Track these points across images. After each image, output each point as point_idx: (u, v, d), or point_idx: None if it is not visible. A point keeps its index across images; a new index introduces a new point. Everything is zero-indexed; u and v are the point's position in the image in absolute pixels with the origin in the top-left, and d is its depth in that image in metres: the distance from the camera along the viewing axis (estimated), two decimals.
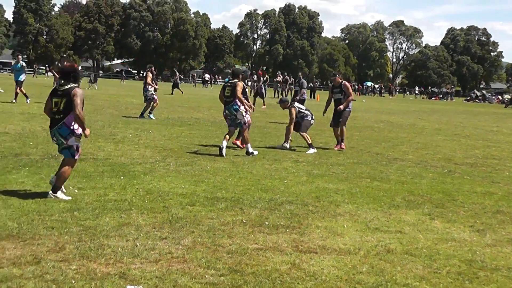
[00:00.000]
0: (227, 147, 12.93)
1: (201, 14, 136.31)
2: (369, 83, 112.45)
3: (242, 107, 13.06)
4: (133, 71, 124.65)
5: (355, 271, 5.63)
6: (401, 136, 20.37)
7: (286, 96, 50.84)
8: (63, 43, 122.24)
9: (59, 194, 7.91)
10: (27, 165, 10.26)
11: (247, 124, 13.17)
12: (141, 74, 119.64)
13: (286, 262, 5.80)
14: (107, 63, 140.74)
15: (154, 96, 21.72)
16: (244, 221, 7.23)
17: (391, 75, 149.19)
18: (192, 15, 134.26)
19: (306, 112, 15.10)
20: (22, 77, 26.42)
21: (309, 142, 14.51)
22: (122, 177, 9.61)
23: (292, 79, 50.44)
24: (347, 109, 15.31)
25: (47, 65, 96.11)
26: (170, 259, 5.68)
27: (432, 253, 6.35)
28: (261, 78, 39.63)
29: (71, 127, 8.00)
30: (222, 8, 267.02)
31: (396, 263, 5.96)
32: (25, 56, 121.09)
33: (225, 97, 13.18)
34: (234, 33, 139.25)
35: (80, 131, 8.10)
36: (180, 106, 30.12)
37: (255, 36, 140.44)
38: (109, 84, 64.68)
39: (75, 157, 8.16)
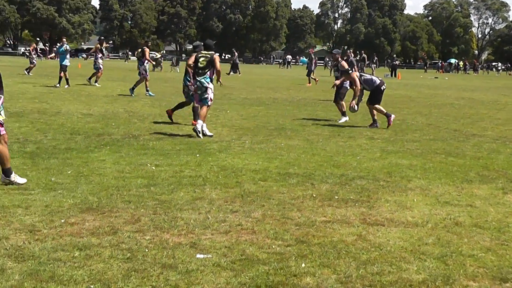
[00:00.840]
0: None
1: None
2: (452, 60, 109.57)
3: (212, 84, 12.53)
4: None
5: (421, 243, 5.68)
6: (482, 112, 19.96)
7: None
8: (146, 28, 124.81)
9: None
10: (109, 144, 10.72)
11: (211, 101, 12.59)
12: (222, 57, 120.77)
13: (353, 233, 5.90)
14: (189, 47, 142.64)
15: (146, 72, 22.45)
16: (314, 196, 7.37)
17: (476, 52, 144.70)
18: None
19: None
20: (67, 62, 25.46)
21: (343, 110, 15.35)
22: (198, 155, 9.91)
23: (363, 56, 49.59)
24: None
25: (128, 50, 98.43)
26: (239, 231, 5.88)
27: (502, 226, 6.32)
28: (313, 57, 38.70)
29: None
30: None
31: (463, 235, 5.96)
32: (111, 42, 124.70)
33: (198, 68, 12.45)
34: (315, 13, 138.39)
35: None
36: (260, 87, 30.40)
37: (336, 15, 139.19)
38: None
39: None
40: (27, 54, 37.15)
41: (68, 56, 25.80)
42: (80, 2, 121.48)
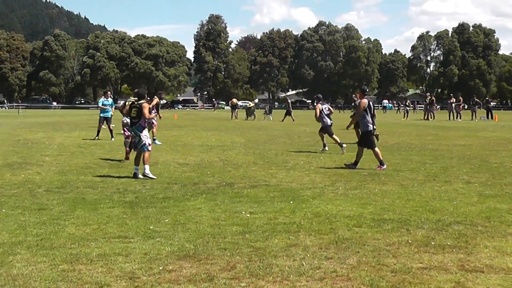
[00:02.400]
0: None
1: (372, 40, 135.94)
2: None
3: (145, 130, 13.31)
4: (307, 101, 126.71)
5: None
6: None
7: (460, 117, 49.54)
8: (239, 78, 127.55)
9: None
10: (204, 192, 10.95)
11: (150, 146, 13.34)
12: (313, 105, 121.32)
13: (451, 280, 5.79)
14: (282, 94, 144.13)
15: (154, 121, 22.16)
16: (410, 242, 7.27)
17: None
18: (364, 42, 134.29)
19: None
20: (108, 114, 25.34)
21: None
22: (291, 201, 9.98)
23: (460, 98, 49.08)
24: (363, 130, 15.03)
25: (214, 100, 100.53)
26: (334, 277, 5.87)
27: None
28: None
29: None
30: (394, 32, 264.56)
31: None
32: (205, 93, 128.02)
33: (131, 118, 13.48)
34: (407, 57, 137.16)
35: None
36: (351, 133, 30.22)
37: (428, 58, 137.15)
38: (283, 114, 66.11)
39: None
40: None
41: (110, 108, 25.58)
42: (175, 55, 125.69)
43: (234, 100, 57.90)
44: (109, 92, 27.07)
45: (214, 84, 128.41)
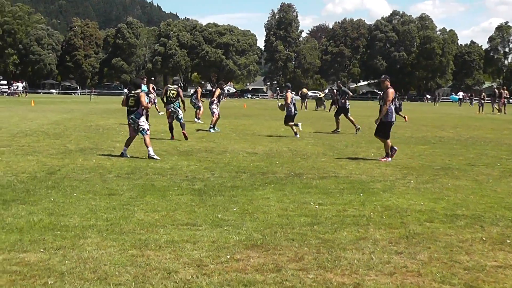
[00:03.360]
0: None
1: (447, 30, 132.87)
2: None
3: (143, 117, 14.46)
4: (379, 92, 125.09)
5: None
6: None
7: None
8: (310, 68, 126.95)
9: None
10: (273, 182, 10.90)
11: (148, 130, 14.46)
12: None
13: None
14: (353, 85, 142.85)
15: (215, 110, 23.11)
16: (484, 239, 7.04)
17: None
18: (439, 32, 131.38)
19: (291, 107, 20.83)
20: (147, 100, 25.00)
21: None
22: (361, 194, 9.83)
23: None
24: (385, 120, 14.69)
25: (278, 89, 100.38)
26: (404, 273, 5.73)
27: None
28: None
29: None
30: (470, 23, 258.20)
31: None
32: (275, 82, 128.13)
33: (129, 107, 14.37)
34: (484, 48, 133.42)
35: None
36: (425, 125, 29.74)
37: (507, 50, 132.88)
38: (354, 106, 65.63)
39: None
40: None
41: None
42: (246, 44, 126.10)
43: (305, 90, 57.60)
44: (145, 79, 26.53)
45: (284, 73, 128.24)
